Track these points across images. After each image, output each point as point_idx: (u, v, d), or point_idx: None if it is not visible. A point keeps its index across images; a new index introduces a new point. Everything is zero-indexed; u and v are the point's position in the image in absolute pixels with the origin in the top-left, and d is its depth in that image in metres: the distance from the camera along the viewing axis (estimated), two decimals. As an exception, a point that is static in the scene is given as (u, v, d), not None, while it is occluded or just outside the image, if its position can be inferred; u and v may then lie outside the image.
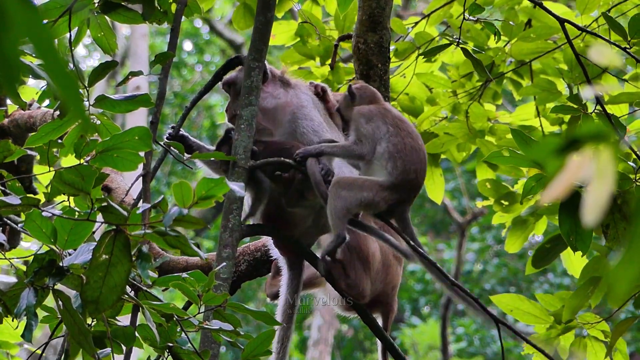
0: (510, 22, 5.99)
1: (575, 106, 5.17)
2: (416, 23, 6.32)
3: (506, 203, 6.03)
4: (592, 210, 1.67)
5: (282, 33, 6.26)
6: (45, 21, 4.16)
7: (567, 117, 6.26)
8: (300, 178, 4.34)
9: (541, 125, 6.35)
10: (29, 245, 7.16)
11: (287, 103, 4.59)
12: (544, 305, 5.29)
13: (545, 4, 6.16)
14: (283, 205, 4.44)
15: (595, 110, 5.17)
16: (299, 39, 6.29)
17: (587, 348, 5.30)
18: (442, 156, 6.42)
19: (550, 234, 5.28)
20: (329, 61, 6.27)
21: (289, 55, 6.25)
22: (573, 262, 6.07)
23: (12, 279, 3.53)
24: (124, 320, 3.45)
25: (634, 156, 4.78)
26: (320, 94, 4.81)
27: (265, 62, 4.43)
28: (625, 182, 4.59)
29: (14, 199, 3.10)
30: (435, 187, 6.39)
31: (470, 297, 4.19)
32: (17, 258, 4.22)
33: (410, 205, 4.34)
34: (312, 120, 4.56)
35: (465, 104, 6.25)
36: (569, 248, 5.74)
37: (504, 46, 6.05)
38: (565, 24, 5.13)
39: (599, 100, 5.11)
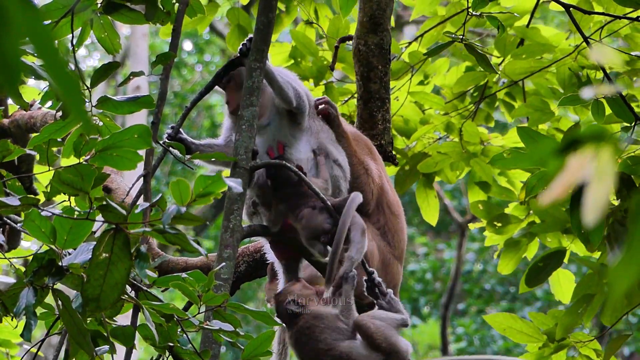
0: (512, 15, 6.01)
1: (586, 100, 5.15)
2: (409, 43, 6.36)
3: (499, 225, 6.05)
4: (591, 210, 1.68)
5: (276, 55, 6.34)
6: (48, 22, 4.16)
7: (559, 138, 6.27)
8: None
9: (534, 147, 6.36)
10: (29, 245, 7.16)
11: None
12: (536, 324, 5.32)
13: (536, 26, 6.22)
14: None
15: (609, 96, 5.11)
16: (292, 60, 6.33)
17: (579, 367, 5.33)
18: (437, 178, 6.44)
19: (542, 253, 5.31)
20: (323, 82, 6.32)
21: (285, 77, 6.31)
22: (562, 286, 6.07)
23: (11, 280, 3.53)
24: (122, 319, 3.45)
25: None
26: (330, 117, 4.84)
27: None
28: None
29: (13, 200, 3.10)
30: (430, 209, 6.43)
31: None
32: (17, 258, 4.22)
33: None
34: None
35: (458, 123, 6.29)
36: (556, 272, 5.77)
37: (498, 65, 6.08)
38: (571, 9, 5.14)
39: (605, 71, 5.02)
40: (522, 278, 5.42)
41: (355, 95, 6.38)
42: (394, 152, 5.56)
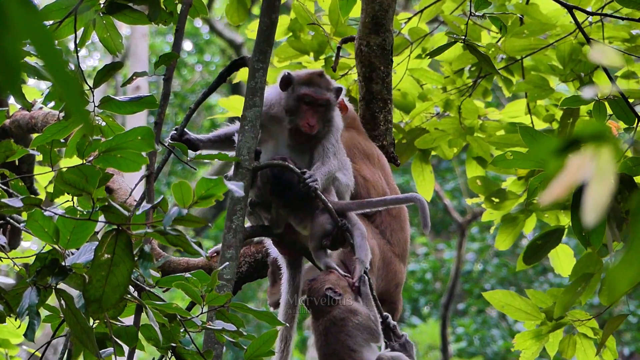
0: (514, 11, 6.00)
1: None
2: (409, 19, 6.34)
3: (497, 200, 6.04)
4: (592, 210, 1.68)
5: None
6: (50, 22, 4.16)
7: (558, 115, 6.26)
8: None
9: (532, 122, 6.36)
10: (29, 245, 7.16)
11: None
12: (535, 302, 5.33)
13: (535, 1, 6.19)
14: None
15: (611, 97, 5.12)
16: (291, 34, 6.28)
17: (576, 345, 5.34)
18: (433, 153, 6.43)
19: (542, 230, 5.30)
20: (323, 56, 6.28)
21: (283, 51, 6.23)
22: (561, 261, 6.09)
23: (11, 281, 3.52)
24: (126, 321, 3.45)
25: None
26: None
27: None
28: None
29: (16, 202, 3.10)
30: (426, 184, 6.41)
31: None
32: (18, 258, 4.21)
33: None
34: None
35: (457, 99, 6.27)
36: (557, 247, 5.78)
37: (497, 42, 6.06)
38: (574, 10, 5.14)
39: (607, 71, 5.02)
40: (519, 259, 5.40)
41: (354, 70, 6.36)
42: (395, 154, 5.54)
